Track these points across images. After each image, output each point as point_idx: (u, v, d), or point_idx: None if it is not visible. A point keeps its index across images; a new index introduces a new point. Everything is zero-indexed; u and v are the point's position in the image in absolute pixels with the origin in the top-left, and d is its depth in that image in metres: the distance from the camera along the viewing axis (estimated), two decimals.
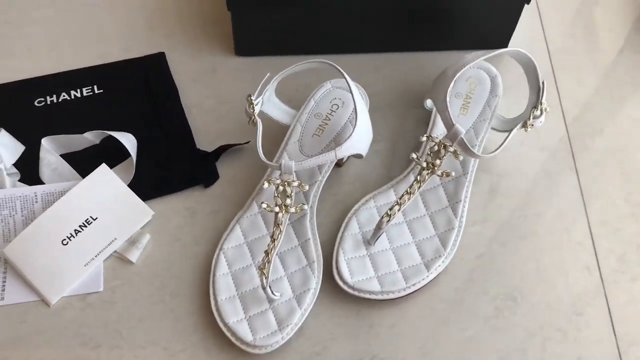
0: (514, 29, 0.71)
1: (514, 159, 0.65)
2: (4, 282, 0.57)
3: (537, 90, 0.61)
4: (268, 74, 0.59)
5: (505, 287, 0.58)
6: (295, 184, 0.55)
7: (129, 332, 0.55)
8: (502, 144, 0.59)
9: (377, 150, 0.65)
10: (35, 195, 0.60)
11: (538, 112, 0.61)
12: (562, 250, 0.61)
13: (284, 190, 0.55)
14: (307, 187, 0.55)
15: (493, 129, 0.65)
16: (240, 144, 0.64)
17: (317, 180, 0.60)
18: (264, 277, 0.53)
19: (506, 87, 0.68)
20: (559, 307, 0.58)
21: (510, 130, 0.61)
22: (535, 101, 0.61)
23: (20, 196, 0.59)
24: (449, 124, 0.57)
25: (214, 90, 0.69)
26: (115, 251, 0.58)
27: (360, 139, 0.58)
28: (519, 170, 0.65)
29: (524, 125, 0.61)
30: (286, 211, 0.55)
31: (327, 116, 0.64)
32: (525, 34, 0.74)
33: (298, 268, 0.57)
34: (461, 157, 0.57)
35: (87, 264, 0.57)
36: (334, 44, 0.70)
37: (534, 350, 0.56)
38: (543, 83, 0.61)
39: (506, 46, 0.73)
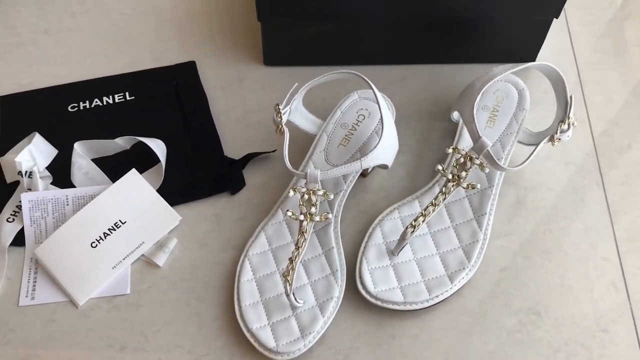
0: (542, 43, 0.71)
1: (540, 173, 0.65)
2: (35, 282, 0.58)
3: (564, 105, 0.61)
4: (296, 84, 0.60)
5: (529, 301, 0.58)
6: (320, 192, 0.55)
7: (154, 335, 0.56)
8: (528, 157, 0.59)
9: (403, 161, 0.65)
10: (67, 198, 0.61)
11: (565, 127, 0.60)
12: (588, 266, 0.60)
13: (309, 199, 0.55)
14: (332, 196, 0.56)
15: (520, 142, 0.64)
16: (267, 152, 0.65)
17: (342, 190, 0.60)
18: (287, 284, 0.53)
19: (533, 101, 0.68)
20: (583, 323, 0.57)
21: (537, 144, 0.60)
22: (563, 115, 0.61)
23: (52, 199, 0.61)
24: (475, 137, 0.57)
25: (242, 99, 0.70)
26: (142, 255, 0.59)
27: (386, 149, 0.58)
28: (545, 185, 0.65)
29: (551, 139, 0.61)
30: (311, 219, 0.55)
31: (353, 126, 0.64)
32: (554, 48, 0.73)
33: (321, 276, 0.57)
34: (487, 170, 0.57)
35: (114, 266, 0.58)
36: (361, 55, 0.71)
37: None
38: (571, 97, 0.61)
39: (534, 60, 0.72)
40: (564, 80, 0.61)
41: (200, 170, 0.64)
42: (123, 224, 0.59)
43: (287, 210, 0.55)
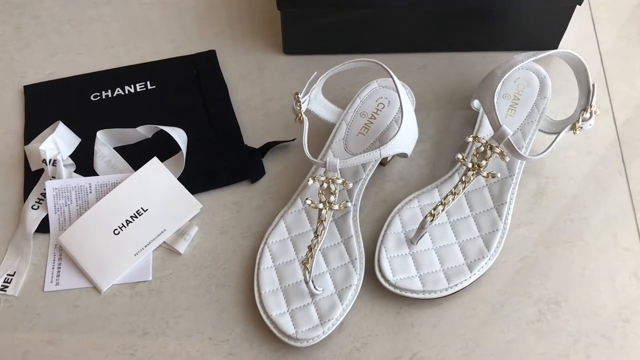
0: (564, 30, 0.70)
1: (562, 162, 0.65)
2: (59, 268, 0.59)
3: (587, 93, 0.60)
4: (315, 73, 0.60)
5: (549, 291, 0.58)
6: (339, 181, 0.55)
7: (175, 320, 0.57)
8: (549, 146, 0.58)
9: (422, 150, 0.65)
10: (90, 186, 0.62)
11: (587, 115, 0.60)
12: (609, 256, 0.60)
13: (328, 188, 0.56)
14: (351, 185, 0.56)
15: (541, 130, 0.64)
16: (286, 141, 0.66)
17: (361, 179, 0.61)
18: (307, 272, 0.53)
19: (555, 89, 0.67)
20: (604, 313, 0.57)
21: (558, 133, 0.60)
22: (585, 104, 0.60)
23: (75, 186, 0.62)
24: (496, 125, 0.56)
25: (262, 88, 0.70)
26: (164, 242, 0.60)
27: (406, 138, 0.58)
28: (566, 173, 0.64)
29: (573, 128, 0.60)
30: (330, 208, 0.55)
31: (372, 115, 0.64)
32: (577, 35, 0.72)
33: (340, 264, 0.57)
34: (507, 159, 0.56)
35: (137, 253, 0.59)
36: (381, 43, 0.71)
37: (578, 356, 0.55)
38: (593, 85, 0.60)
39: (556, 47, 0.72)
40: (587, 68, 0.60)
41: (220, 158, 0.64)
42: (145, 211, 0.60)
43: (307, 199, 0.55)
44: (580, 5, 0.66)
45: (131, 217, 0.60)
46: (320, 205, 0.55)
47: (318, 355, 0.55)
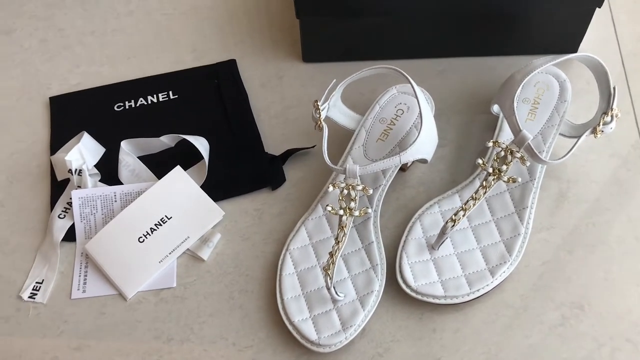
0: (584, 33, 0.70)
1: (583, 166, 0.64)
2: (86, 276, 0.60)
3: (607, 96, 0.60)
4: (334, 80, 0.61)
5: (571, 295, 0.57)
6: (360, 187, 0.56)
7: (199, 326, 0.57)
8: (570, 149, 0.58)
9: (442, 156, 0.65)
10: (115, 195, 0.63)
11: (608, 118, 0.59)
12: (633, 260, 0.59)
13: (349, 194, 0.56)
14: (371, 191, 0.56)
15: (561, 134, 0.64)
16: (306, 148, 0.66)
17: (381, 185, 0.61)
18: (328, 278, 0.54)
19: (575, 92, 0.67)
20: (629, 317, 0.56)
21: (579, 136, 0.60)
22: (606, 107, 0.60)
23: (100, 195, 0.63)
24: (516, 130, 0.56)
25: (282, 96, 0.71)
26: (187, 249, 0.61)
27: (425, 143, 0.58)
28: (588, 177, 0.64)
29: (594, 131, 0.60)
30: (350, 214, 0.56)
31: (392, 121, 0.64)
32: (597, 38, 0.72)
33: (362, 270, 0.58)
34: (528, 163, 0.56)
35: (161, 260, 0.60)
36: (399, 49, 0.71)
37: None
38: (614, 88, 0.60)
39: (576, 51, 0.71)
40: (607, 71, 0.60)
41: (241, 166, 0.65)
42: (169, 219, 0.61)
43: (327, 205, 0.56)
44: (600, 7, 0.66)
45: (155, 225, 0.61)
46: (341, 212, 0.56)
47: None
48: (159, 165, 0.65)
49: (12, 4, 0.79)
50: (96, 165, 0.66)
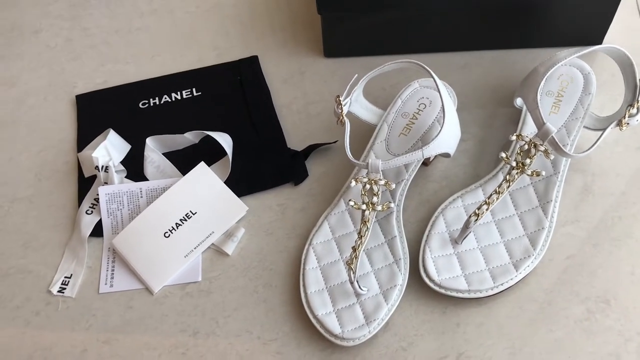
0: (609, 25, 0.69)
1: (609, 159, 0.64)
2: (113, 270, 0.61)
3: (633, 88, 0.59)
4: (356, 75, 0.61)
5: (597, 289, 0.57)
6: (382, 182, 0.56)
7: (224, 320, 0.58)
8: (595, 142, 0.58)
9: (465, 149, 0.65)
10: (140, 191, 0.64)
11: (634, 110, 0.59)
12: None
13: (371, 189, 0.56)
14: (393, 186, 0.56)
15: (586, 127, 0.63)
16: (328, 143, 0.66)
17: (404, 179, 0.61)
18: (351, 272, 0.54)
19: (600, 85, 0.66)
20: None
21: (604, 129, 0.59)
22: (632, 99, 0.59)
23: (126, 192, 0.64)
24: (539, 123, 0.56)
25: (303, 92, 0.71)
26: (212, 244, 0.62)
27: (448, 138, 0.58)
28: (613, 170, 0.63)
29: (619, 124, 0.59)
30: (373, 209, 0.56)
31: (414, 115, 0.64)
32: (622, 28, 0.71)
33: (385, 265, 0.58)
34: (552, 156, 0.56)
35: (186, 255, 0.61)
36: (421, 43, 0.71)
37: (629, 356, 0.54)
38: None
39: (601, 42, 0.70)
40: (633, 63, 0.59)
41: (264, 162, 0.66)
42: (194, 214, 0.62)
43: (350, 200, 0.56)
44: None
45: (180, 220, 0.62)
46: (364, 207, 0.56)
47: (364, 354, 0.55)
48: (183, 161, 0.65)
49: (38, 4, 0.80)
50: (122, 162, 0.67)
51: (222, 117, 0.69)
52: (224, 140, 0.65)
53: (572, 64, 0.65)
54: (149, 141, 0.66)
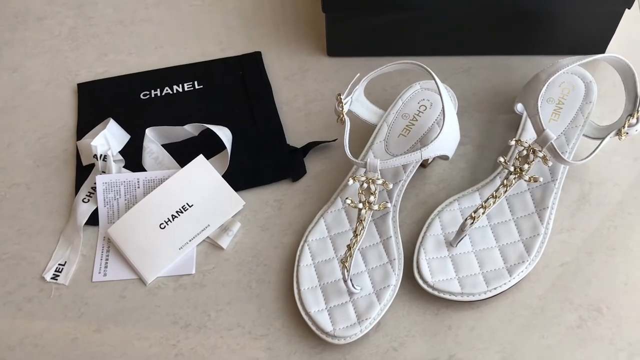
0: (612, 34, 0.69)
1: (606, 168, 0.64)
2: (107, 259, 0.61)
3: (634, 98, 0.59)
4: (358, 75, 0.61)
5: (590, 297, 0.57)
6: (380, 182, 0.56)
7: (216, 314, 0.58)
8: (593, 151, 0.58)
9: (464, 153, 0.65)
10: (138, 181, 0.64)
11: (634, 121, 0.59)
12: None
13: (368, 188, 0.56)
14: (391, 186, 0.56)
15: (585, 136, 0.63)
16: (328, 141, 0.66)
17: (401, 180, 0.61)
18: (345, 270, 0.54)
19: (601, 94, 0.66)
20: None
21: (603, 138, 0.59)
22: (632, 109, 0.59)
23: (124, 181, 0.64)
24: (539, 129, 0.56)
25: (305, 89, 0.71)
26: (207, 237, 0.62)
27: (447, 140, 0.58)
28: (611, 180, 0.63)
29: (618, 133, 0.59)
30: (369, 208, 0.56)
31: (414, 117, 0.64)
32: (625, 39, 0.71)
33: (379, 264, 0.58)
34: (550, 163, 0.56)
35: (181, 247, 0.61)
36: (424, 45, 0.71)
37: None
38: None
39: (603, 51, 0.70)
40: (634, 73, 0.59)
41: (263, 157, 0.66)
42: (190, 207, 0.62)
43: (346, 199, 0.56)
44: (629, 9, 0.65)
45: (177, 212, 0.62)
46: (360, 205, 0.56)
47: (355, 353, 0.55)
48: (182, 153, 0.65)
49: None
50: (121, 152, 0.67)
51: (223, 111, 0.69)
52: (224, 134, 0.65)
53: (574, 72, 0.65)
54: (149, 132, 0.66)
